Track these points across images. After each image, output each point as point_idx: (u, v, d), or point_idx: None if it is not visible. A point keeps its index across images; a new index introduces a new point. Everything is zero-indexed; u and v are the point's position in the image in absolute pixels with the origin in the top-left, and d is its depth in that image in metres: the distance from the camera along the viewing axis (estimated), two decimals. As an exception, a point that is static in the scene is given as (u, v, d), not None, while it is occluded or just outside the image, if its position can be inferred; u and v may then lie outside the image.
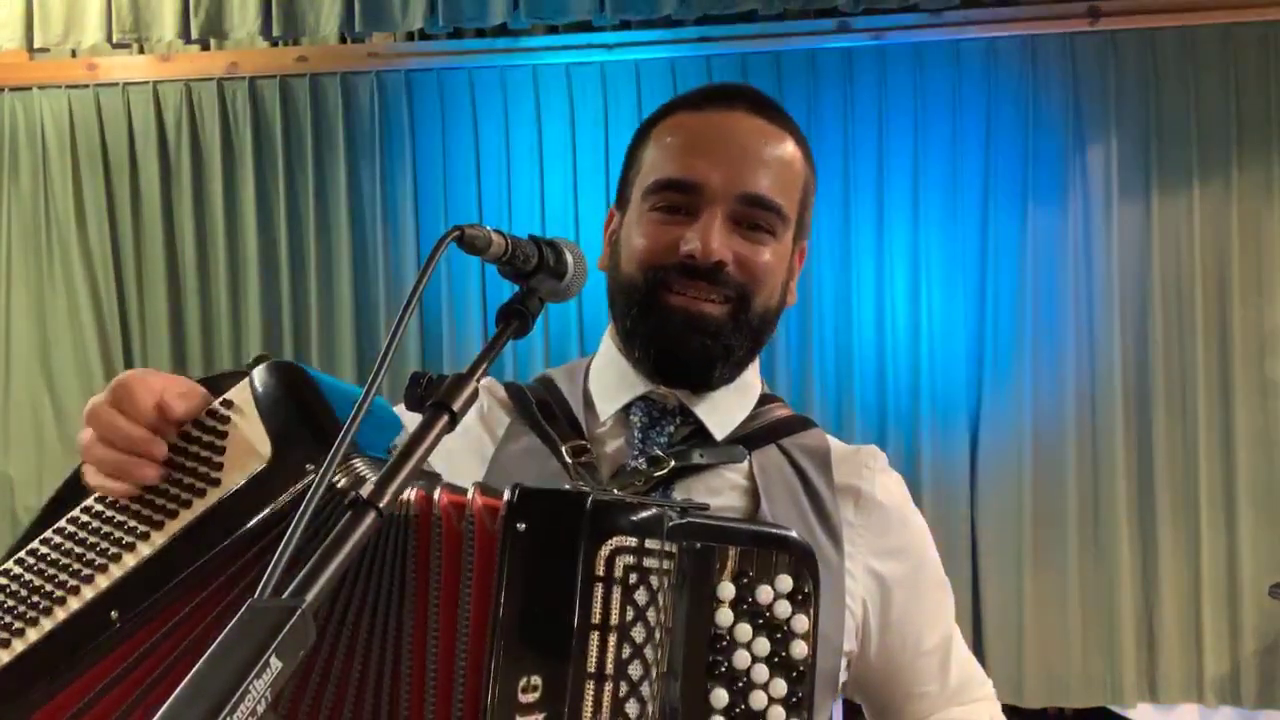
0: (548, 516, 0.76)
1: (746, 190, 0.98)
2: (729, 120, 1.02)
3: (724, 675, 0.78)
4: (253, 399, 0.81)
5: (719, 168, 0.98)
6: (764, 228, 1.00)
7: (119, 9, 3.20)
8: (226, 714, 0.49)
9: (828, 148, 3.19)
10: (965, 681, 1.09)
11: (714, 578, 0.79)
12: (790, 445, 1.04)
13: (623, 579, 0.74)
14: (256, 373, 0.83)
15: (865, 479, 1.04)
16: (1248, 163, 3.08)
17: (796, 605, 0.80)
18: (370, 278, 3.34)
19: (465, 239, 0.75)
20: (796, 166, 1.04)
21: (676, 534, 0.78)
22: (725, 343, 1.00)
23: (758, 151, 1.00)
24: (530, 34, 3.29)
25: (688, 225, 0.98)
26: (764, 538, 0.81)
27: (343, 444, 0.63)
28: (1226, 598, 3.07)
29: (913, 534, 1.06)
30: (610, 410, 1.04)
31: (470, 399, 0.71)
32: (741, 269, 0.99)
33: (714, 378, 1.02)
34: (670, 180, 0.99)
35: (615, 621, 0.73)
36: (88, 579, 0.78)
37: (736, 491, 1.00)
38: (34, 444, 3.37)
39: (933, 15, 3.12)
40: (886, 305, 3.18)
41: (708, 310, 0.98)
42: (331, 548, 0.59)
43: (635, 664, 0.73)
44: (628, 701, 0.73)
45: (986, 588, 3.14)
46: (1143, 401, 3.12)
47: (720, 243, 0.97)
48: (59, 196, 3.38)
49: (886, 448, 3.12)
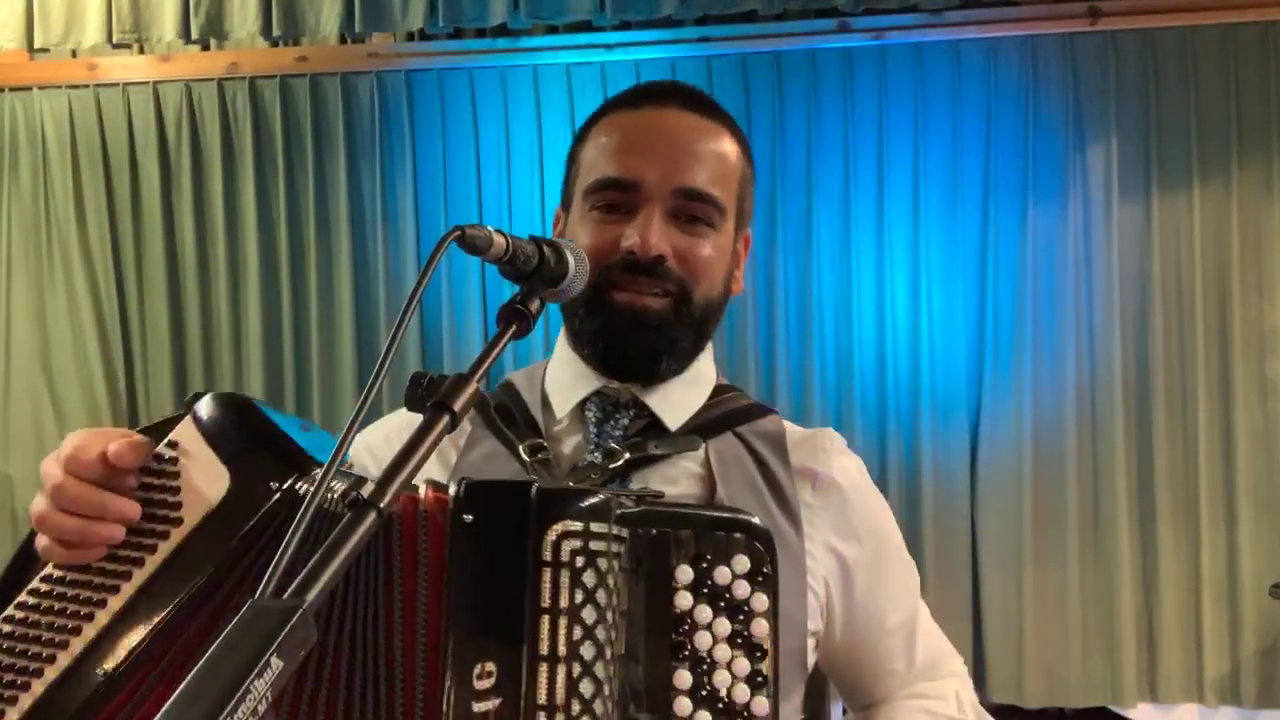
0: (494, 507, 0.78)
1: (683, 185, 1.01)
2: (663, 117, 1.04)
3: (687, 657, 0.80)
4: (199, 434, 0.83)
5: (655, 165, 1.00)
6: (702, 220, 1.02)
7: (119, 9, 3.20)
8: (227, 714, 0.49)
9: (828, 148, 3.19)
10: (934, 659, 1.10)
11: (671, 562, 0.81)
12: (746, 432, 1.06)
13: (569, 562, 0.75)
14: (198, 408, 0.84)
15: (821, 461, 1.05)
16: (1248, 162, 3.09)
17: (756, 585, 0.81)
18: (370, 277, 3.34)
19: (466, 239, 0.75)
20: (731, 159, 1.06)
21: (630, 522, 0.80)
22: (669, 335, 1.02)
23: (692, 146, 1.03)
24: (530, 34, 3.29)
25: (627, 223, 1.00)
26: (719, 521, 0.83)
27: (344, 445, 0.63)
28: (1227, 597, 3.07)
29: (872, 514, 1.08)
30: (565, 408, 1.06)
31: (471, 399, 0.71)
32: (681, 263, 1.01)
33: (661, 369, 1.04)
34: (608, 180, 1.02)
35: (565, 604, 0.75)
36: (62, 644, 0.78)
37: (693, 479, 1.02)
38: (34, 444, 3.37)
39: (933, 15, 3.12)
40: (887, 305, 3.18)
41: (651, 305, 1.00)
42: (332, 548, 0.59)
43: (587, 644, 0.75)
44: (581, 681, 0.74)
45: (986, 588, 3.14)
46: (1143, 401, 3.12)
47: (659, 237, 0.99)
48: (59, 196, 3.38)
49: (887, 447, 3.17)
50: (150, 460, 0.81)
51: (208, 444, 0.82)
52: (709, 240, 1.03)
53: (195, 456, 0.82)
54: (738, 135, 1.08)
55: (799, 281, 3.20)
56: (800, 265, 3.20)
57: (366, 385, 0.65)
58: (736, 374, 3.19)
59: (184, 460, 0.82)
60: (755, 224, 3.49)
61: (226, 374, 3.36)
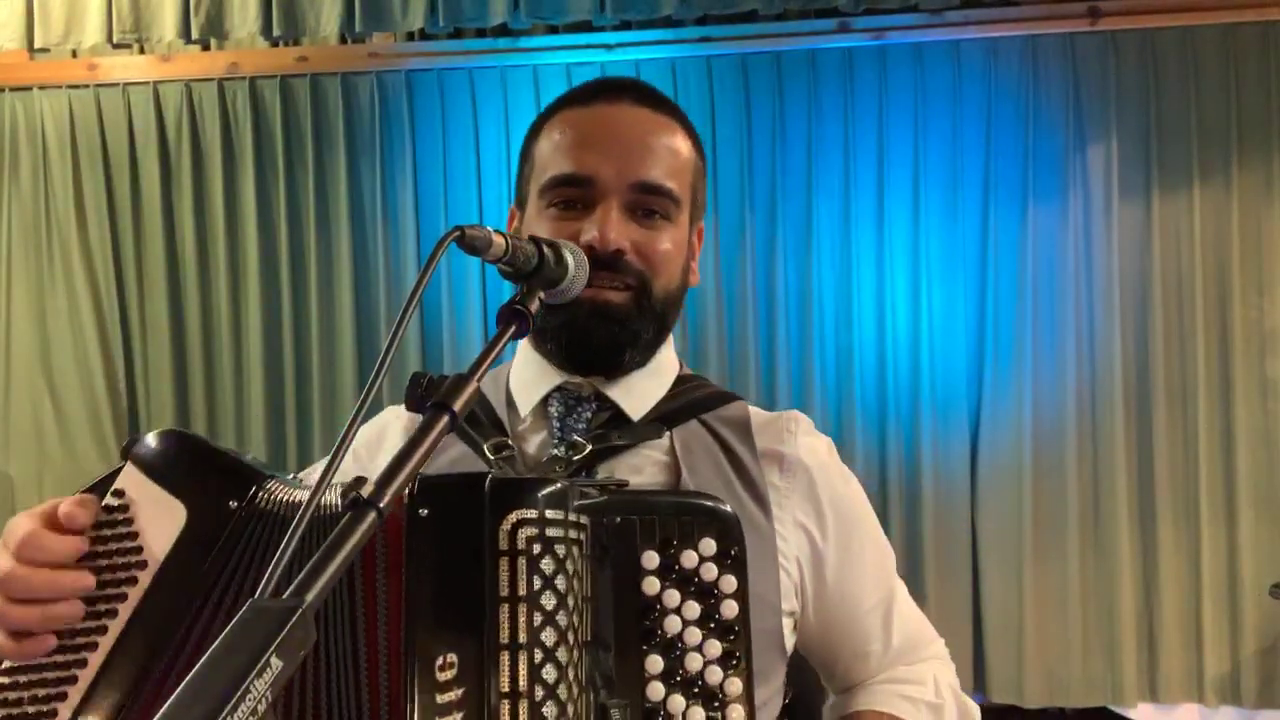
0: (449, 500, 0.78)
1: (639, 178, 1.01)
2: (616, 113, 1.05)
3: (658, 642, 0.81)
4: (143, 475, 0.83)
5: (610, 159, 1.01)
6: (659, 213, 1.03)
7: (119, 9, 3.20)
8: (227, 714, 0.49)
9: (828, 147, 3.19)
10: (912, 641, 1.10)
11: (638, 548, 0.82)
12: (710, 419, 1.06)
13: (526, 550, 0.76)
14: (135, 450, 0.85)
15: (787, 443, 1.05)
16: (1248, 162, 3.09)
17: (724, 567, 0.82)
18: (370, 277, 3.34)
19: (466, 239, 0.75)
20: (684, 153, 1.06)
21: (595, 511, 0.80)
22: (632, 328, 1.02)
23: (646, 140, 1.03)
24: (530, 34, 3.29)
25: (585, 218, 1.00)
26: (683, 506, 0.84)
27: (344, 445, 0.63)
28: (1227, 597, 3.07)
29: (842, 494, 1.07)
30: (529, 405, 1.06)
31: (471, 399, 0.72)
32: (640, 256, 1.01)
33: (624, 361, 1.04)
34: (564, 176, 1.02)
35: (523, 592, 0.75)
36: (51, 714, 0.77)
37: (658, 467, 1.02)
38: (34, 444, 3.37)
39: (933, 15, 3.12)
40: (887, 304, 3.18)
41: (612, 299, 1.00)
42: (331, 548, 0.59)
43: (548, 630, 0.75)
44: (543, 668, 0.75)
45: (986, 588, 3.14)
46: (1143, 401, 3.12)
47: (617, 232, 0.99)
48: (59, 196, 3.38)
49: (887, 447, 3.17)
50: (101, 514, 0.81)
51: (154, 482, 0.83)
52: (666, 233, 1.03)
53: (144, 498, 0.82)
54: (689, 129, 1.09)
55: (799, 281, 3.20)
56: (800, 265, 3.20)
57: (366, 385, 0.65)
58: (737, 374, 3.19)
59: (134, 505, 0.82)
60: (755, 224, 3.48)
61: (226, 374, 3.36)
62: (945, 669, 1.11)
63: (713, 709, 0.81)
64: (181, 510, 0.81)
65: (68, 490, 2.83)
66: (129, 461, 0.84)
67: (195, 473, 0.83)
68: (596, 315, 1.00)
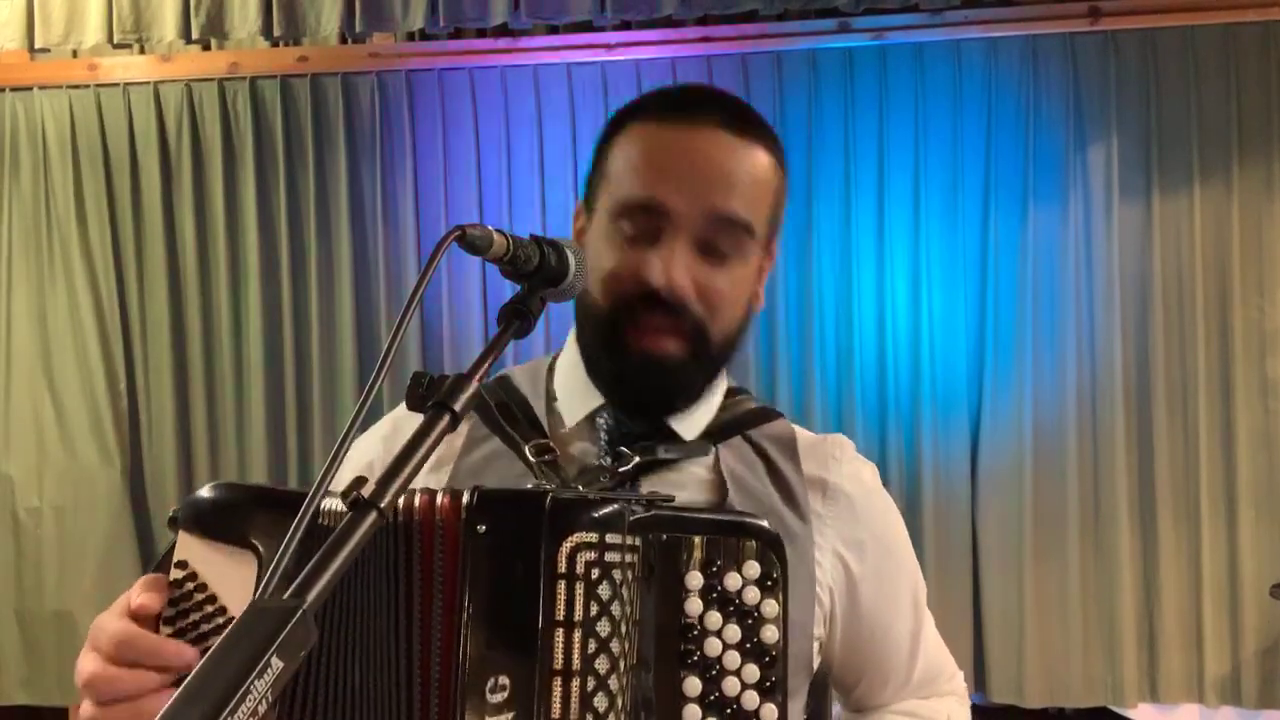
0: (507, 517, 0.77)
1: (715, 211, 0.96)
2: (698, 139, 0.98)
3: (696, 664, 0.79)
4: (197, 538, 0.82)
5: (684, 190, 0.95)
6: (729, 251, 0.98)
7: (120, 9, 3.20)
8: (228, 714, 0.49)
9: (828, 147, 3.19)
10: (932, 674, 1.09)
11: (682, 568, 0.80)
12: (757, 435, 1.04)
13: (585, 575, 0.75)
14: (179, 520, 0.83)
15: (832, 470, 1.04)
16: (1248, 162, 3.08)
17: (765, 590, 0.81)
18: (371, 277, 3.34)
19: (466, 239, 0.75)
20: (767, 178, 1.01)
21: (641, 527, 0.79)
22: (685, 380, 1.00)
23: (727, 169, 0.97)
24: (531, 34, 3.29)
25: (653, 250, 0.96)
26: (729, 525, 0.82)
27: (345, 444, 0.63)
28: (1227, 597, 3.07)
29: (882, 524, 1.06)
30: (576, 413, 1.03)
31: (471, 399, 0.71)
32: (702, 299, 0.97)
33: (675, 409, 1.02)
34: (635, 202, 0.97)
35: (579, 618, 0.74)
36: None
37: (702, 484, 1.00)
38: (34, 444, 3.37)
39: (933, 15, 3.12)
40: (887, 305, 3.18)
41: (667, 348, 0.96)
42: (333, 548, 0.59)
43: (602, 658, 0.74)
44: (596, 696, 0.74)
45: (987, 588, 3.14)
46: (1143, 401, 3.12)
47: (682, 274, 0.95)
48: (60, 197, 3.38)
49: (887, 448, 3.17)
50: (172, 591, 0.80)
51: (211, 540, 0.81)
52: (733, 272, 0.99)
53: (208, 560, 0.81)
54: (774, 147, 1.02)
55: (799, 282, 3.20)
56: (800, 265, 3.20)
57: (367, 385, 0.65)
58: (737, 374, 3.17)
59: (201, 571, 0.81)
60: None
61: (227, 374, 3.36)
62: (961, 707, 1.10)
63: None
64: (249, 556, 0.80)
65: (68, 489, 2.84)
66: (180, 531, 0.83)
67: (246, 515, 0.82)
68: (647, 370, 0.97)
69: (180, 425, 3.36)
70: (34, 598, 3.33)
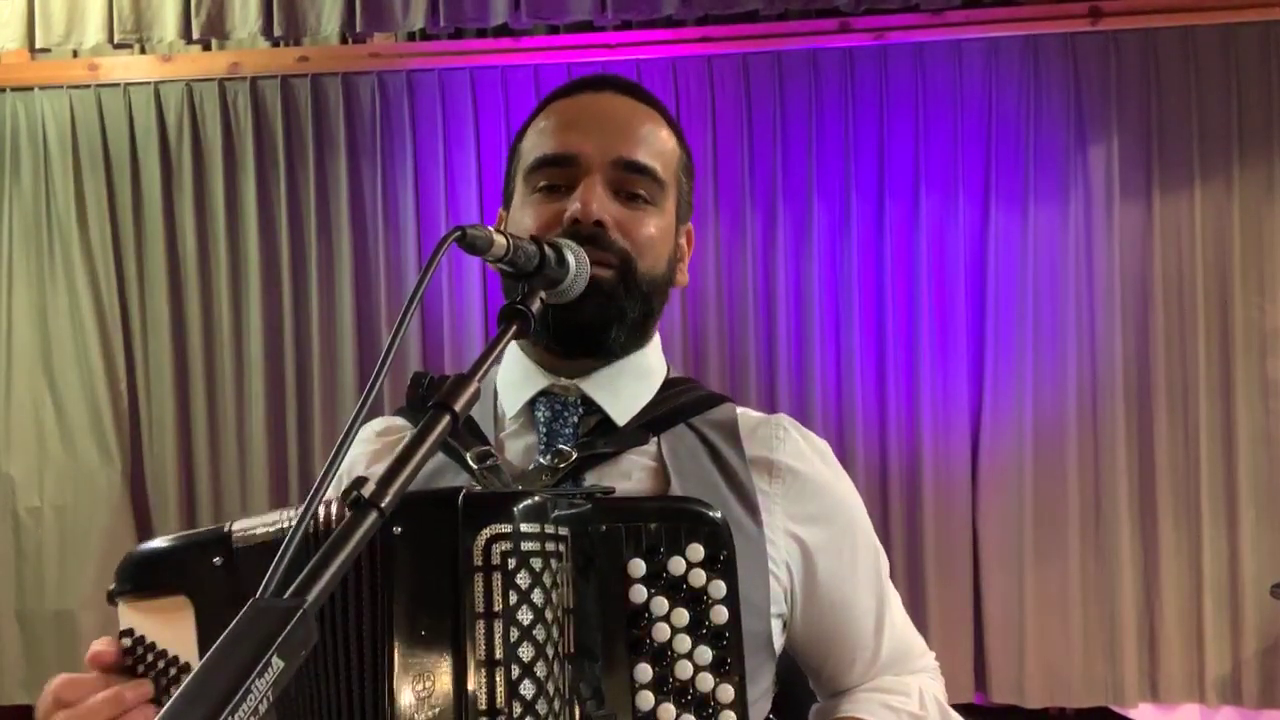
0: (423, 518, 0.78)
1: (621, 155, 1.00)
2: (600, 100, 1.05)
3: (646, 650, 0.81)
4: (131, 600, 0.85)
5: (592, 138, 1.00)
6: (643, 197, 1.02)
7: (120, 9, 3.20)
8: (228, 713, 0.49)
9: (829, 147, 3.19)
10: (901, 651, 1.08)
11: (623, 556, 0.81)
12: (698, 422, 1.04)
13: (501, 565, 0.76)
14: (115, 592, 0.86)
15: (776, 449, 1.03)
16: (1248, 162, 3.09)
17: (713, 572, 0.82)
18: (371, 277, 3.34)
19: (467, 239, 0.75)
20: (670, 143, 1.06)
21: (578, 520, 0.80)
22: (618, 305, 1.00)
23: (629, 123, 1.03)
24: (531, 34, 3.29)
25: (569, 197, 0.99)
26: (669, 512, 0.83)
27: (345, 444, 0.63)
28: (1228, 597, 3.07)
29: (834, 499, 1.05)
30: (515, 408, 1.04)
31: (472, 399, 0.71)
32: (624, 233, 1.00)
33: (610, 340, 1.01)
34: (547, 156, 1.01)
35: (499, 608, 0.75)
36: None
37: (647, 473, 1.00)
38: (35, 444, 3.37)
39: (934, 15, 3.12)
40: (888, 304, 3.18)
41: (598, 274, 0.97)
42: (332, 548, 0.59)
43: (525, 646, 0.75)
44: (521, 683, 0.75)
45: (987, 588, 3.13)
46: (1144, 401, 3.12)
47: (600, 204, 0.98)
48: (60, 197, 3.38)
49: (887, 448, 3.17)
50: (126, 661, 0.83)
51: (145, 597, 0.84)
52: (650, 217, 1.02)
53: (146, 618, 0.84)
54: (674, 126, 1.08)
55: (799, 282, 3.20)
56: (800, 265, 3.20)
57: (367, 385, 0.65)
58: (737, 374, 3.19)
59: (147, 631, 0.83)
60: (755, 224, 3.48)
61: (227, 374, 3.36)
62: (933, 682, 1.10)
63: (704, 716, 0.81)
64: (183, 600, 0.82)
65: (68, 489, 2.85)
66: (116, 604, 0.86)
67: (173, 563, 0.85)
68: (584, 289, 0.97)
69: (180, 424, 3.36)
70: (34, 597, 3.34)
